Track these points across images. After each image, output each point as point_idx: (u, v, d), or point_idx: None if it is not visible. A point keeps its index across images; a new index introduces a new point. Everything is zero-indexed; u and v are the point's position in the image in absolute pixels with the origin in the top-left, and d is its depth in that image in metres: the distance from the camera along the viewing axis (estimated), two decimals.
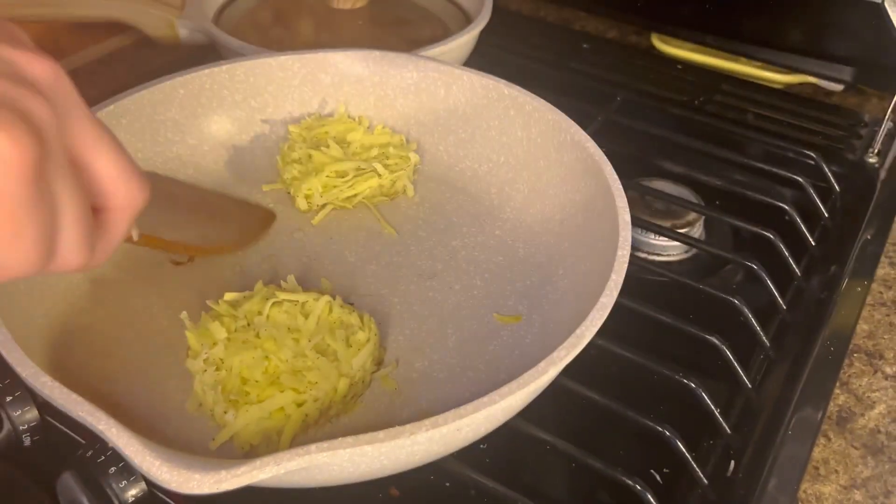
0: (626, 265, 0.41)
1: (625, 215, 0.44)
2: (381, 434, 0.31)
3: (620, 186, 0.46)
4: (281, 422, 0.38)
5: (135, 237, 0.37)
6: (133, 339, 0.44)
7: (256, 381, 0.39)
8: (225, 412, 0.38)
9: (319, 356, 0.40)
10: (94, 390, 0.40)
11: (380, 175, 0.54)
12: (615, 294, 0.39)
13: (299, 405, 0.39)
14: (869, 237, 0.60)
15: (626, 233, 0.43)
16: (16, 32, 0.27)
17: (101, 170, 0.26)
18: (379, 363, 0.44)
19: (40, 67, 0.25)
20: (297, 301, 0.43)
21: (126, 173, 0.27)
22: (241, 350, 0.40)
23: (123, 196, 0.27)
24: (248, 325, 0.42)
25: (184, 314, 0.43)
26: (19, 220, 0.23)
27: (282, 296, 0.43)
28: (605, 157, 0.48)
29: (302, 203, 0.54)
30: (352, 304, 0.45)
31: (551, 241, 0.51)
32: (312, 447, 0.30)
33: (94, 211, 0.28)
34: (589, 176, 0.49)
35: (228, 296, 0.44)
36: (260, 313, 0.42)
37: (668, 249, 0.60)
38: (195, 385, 0.40)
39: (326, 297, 0.43)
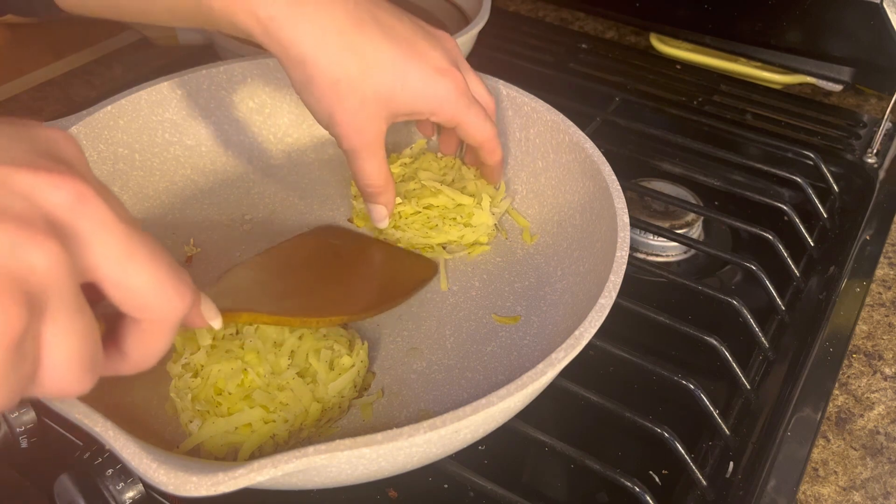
0: (624, 266, 0.41)
1: (623, 216, 0.44)
2: (379, 436, 0.31)
3: (619, 187, 0.46)
4: (246, 437, 0.38)
5: (216, 326, 0.35)
6: None
7: (230, 394, 0.38)
8: (190, 421, 0.38)
9: (296, 377, 0.39)
10: (91, 393, 0.40)
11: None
12: (614, 295, 0.39)
13: (267, 423, 0.38)
14: (868, 237, 0.60)
15: (624, 234, 0.43)
16: (48, 143, 0.26)
17: (133, 286, 0.25)
18: (364, 389, 0.43)
19: (62, 192, 0.24)
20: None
21: (161, 286, 0.26)
22: (221, 359, 0.39)
23: (158, 310, 0.26)
24: (237, 333, 0.41)
25: None
26: None
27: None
28: (604, 158, 0.48)
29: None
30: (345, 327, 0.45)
31: (549, 241, 0.51)
32: (310, 449, 0.30)
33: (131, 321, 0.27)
34: (587, 177, 0.49)
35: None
36: (250, 323, 0.41)
37: (666, 250, 0.60)
38: (170, 388, 0.40)
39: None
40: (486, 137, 0.48)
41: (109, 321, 0.27)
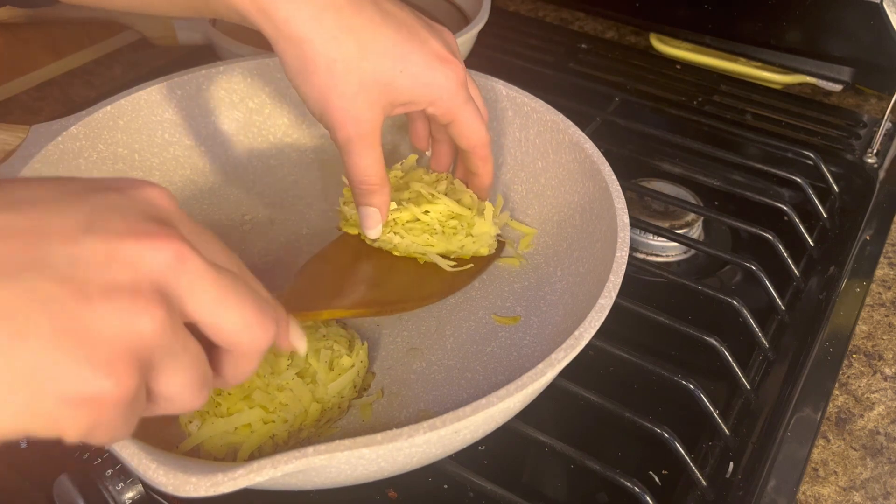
0: (624, 266, 0.41)
1: (623, 217, 0.44)
2: (378, 436, 0.31)
3: (619, 187, 0.46)
4: (245, 438, 0.38)
5: (300, 350, 0.34)
6: None
7: (229, 394, 0.38)
8: (190, 421, 0.38)
9: (296, 377, 0.39)
10: None
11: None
12: (613, 295, 0.39)
13: (266, 423, 0.38)
14: (868, 237, 0.60)
15: (624, 234, 0.43)
16: (144, 203, 0.27)
17: (224, 327, 0.27)
18: (364, 389, 0.43)
19: (164, 254, 0.25)
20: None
21: (248, 324, 0.28)
22: None
23: (246, 344, 0.28)
24: None
25: None
26: (114, 426, 0.25)
27: None
28: (604, 158, 0.48)
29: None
30: (345, 327, 0.45)
31: (549, 242, 0.51)
32: (310, 450, 0.30)
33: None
34: (587, 177, 0.49)
35: None
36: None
37: (666, 250, 0.60)
38: None
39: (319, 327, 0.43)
40: (480, 140, 0.47)
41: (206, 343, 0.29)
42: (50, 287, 0.23)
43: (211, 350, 0.29)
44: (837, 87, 0.80)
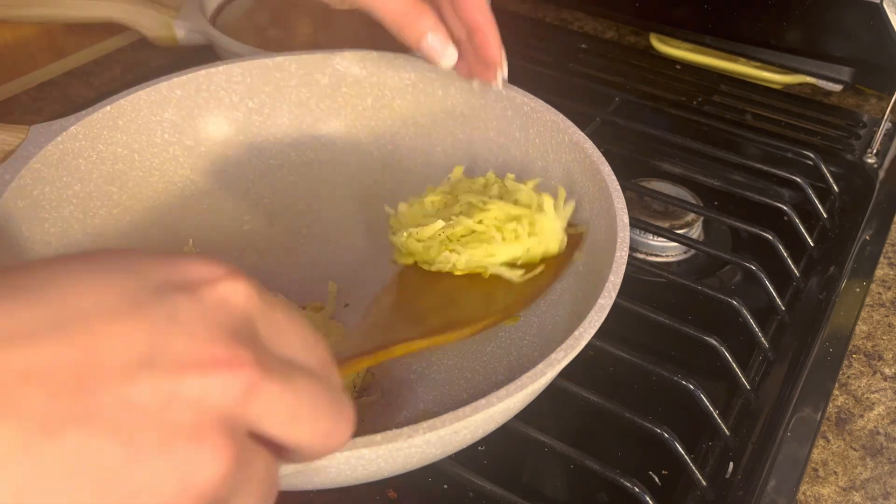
0: (624, 266, 0.40)
1: (623, 216, 0.44)
2: (377, 437, 0.31)
3: (619, 187, 0.46)
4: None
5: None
6: None
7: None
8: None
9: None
10: None
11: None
12: (613, 295, 0.39)
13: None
14: (868, 237, 0.60)
15: (624, 234, 0.42)
16: (216, 307, 0.23)
17: (298, 443, 0.24)
18: (363, 390, 0.43)
19: (231, 388, 0.22)
20: None
21: (323, 436, 0.25)
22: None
23: (319, 450, 0.25)
24: None
25: None
26: None
27: None
28: (604, 158, 0.48)
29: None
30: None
31: None
32: None
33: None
34: (587, 177, 0.49)
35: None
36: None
37: (666, 250, 0.60)
38: None
39: (317, 316, 0.43)
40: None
41: None
42: (97, 444, 0.19)
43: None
44: (837, 87, 0.80)
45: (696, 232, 0.61)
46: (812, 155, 0.67)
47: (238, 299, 0.23)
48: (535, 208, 0.46)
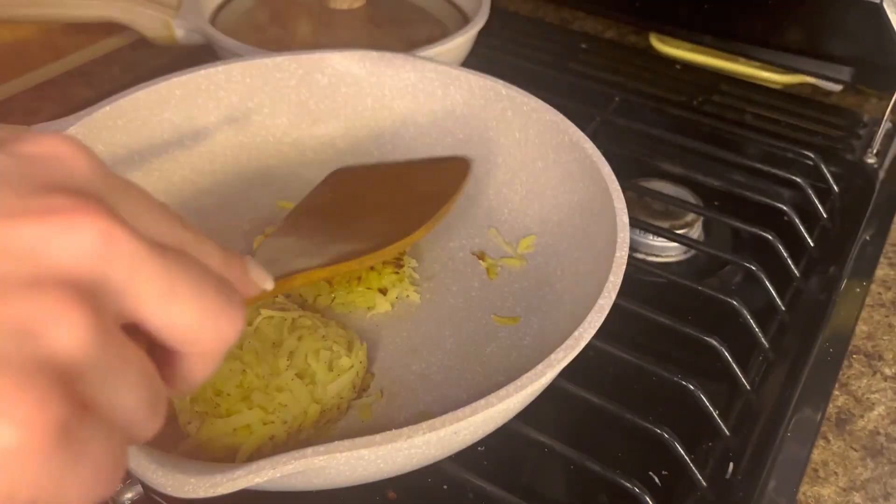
0: (624, 267, 0.40)
1: (623, 217, 0.44)
2: (377, 437, 0.31)
3: (619, 187, 0.46)
4: (245, 439, 0.37)
5: (268, 287, 0.29)
6: None
7: (228, 395, 0.38)
8: (189, 422, 0.38)
9: (296, 378, 0.39)
10: None
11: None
12: (613, 296, 0.39)
13: (266, 424, 0.38)
14: (868, 238, 0.60)
15: (624, 234, 0.42)
16: (44, 161, 0.20)
17: (179, 324, 0.21)
18: (363, 390, 0.43)
19: (82, 237, 0.18)
20: (287, 317, 0.42)
21: (210, 316, 0.22)
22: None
23: (208, 341, 0.22)
24: None
25: None
26: (48, 482, 0.18)
27: (269, 312, 0.42)
28: (604, 158, 0.48)
29: None
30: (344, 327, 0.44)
31: (549, 242, 0.51)
32: (309, 451, 0.30)
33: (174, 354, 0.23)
34: (587, 177, 0.49)
35: None
36: (249, 324, 0.40)
37: (666, 250, 0.60)
38: None
39: (316, 316, 0.43)
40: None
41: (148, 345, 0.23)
42: None
43: (154, 352, 0.22)
44: (837, 87, 0.80)
45: (696, 232, 0.61)
46: (812, 155, 0.67)
47: (74, 158, 0.20)
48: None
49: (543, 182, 0.53)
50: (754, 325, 0.50)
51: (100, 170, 0.21)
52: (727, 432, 0.45)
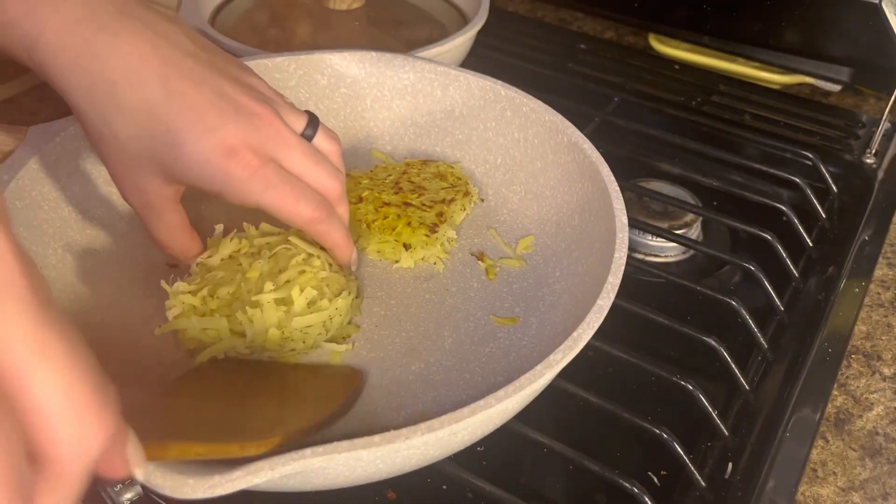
0: (622, 268, 0.40)
1: (622, 217, 0.44)
2: (376, 438, 0.31)
3: (617, 188, 0.46)
4: (214, 340, 0.42)
5: (139, 477, 0.29)
6: (127, 341, 0.44)
7: (219, 298, 0.43)
8: (171, 307, 0.43)
9: (273, 302, 0.42)
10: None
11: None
12: (612, 297, 0.39)
13: (233, 334, 0.42)
14: (867, 238, 0.60)
15: (622, 235, 0.43)
16: None
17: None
18: (343, 337, 0.45)
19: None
20: (303, 252, 0.45)
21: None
22: (229, 266, 0.44)
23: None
24: (257, 252, 0.45)
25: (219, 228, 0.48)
26: None
27: (296, 241, 0.45)
28: (603, 159, 0.48)
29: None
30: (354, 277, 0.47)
31: (548, 242, 0.51)
32: (307, 451, 0.30)
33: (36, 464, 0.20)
34: (586, 178, 0.49)
35: (265, 226, 0.48)
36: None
37: (665, 250, 0.60)
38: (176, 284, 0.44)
39: (324, 257, 0.45)
40: (301, 221, 0.41)
41: None
42: None
43: None
44: (836, 88, 0.80)
45: (694, 232, 0.61)
46: (811, 155, 0.67)
47: None
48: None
49: (542, 182, 0.53)
50: (753, 325, 0.50)
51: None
52: (726, 432, 0.45)
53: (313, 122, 0.43)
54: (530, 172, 0.54)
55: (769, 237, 0.57)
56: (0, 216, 0.21)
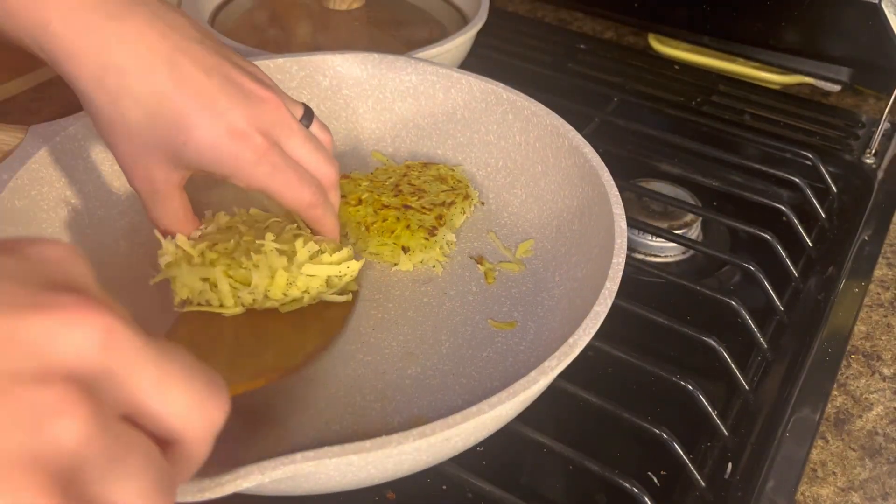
0: (620, 273, 0.41)
1: (621, 222, 0.44)
2: (367, 443, 0.30)
3: (617, 192, 0.46)
4: (209, 290, 0.42)
5: None
6: None
7: (218, 252, 0.43)
8: (163, 255, 0.43)
9: (276, 251, 0.43)
10: None
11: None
12: (609, 303, 0.39)
13: (233, 288, 0.42)
14: (866, 238, 0.60)
15: (622, 240, 0.42)
16: (44, 264, 0.21)
17: (171, 412, 0.22)
18: (342, 292, 0.46)
19: (85, 331, 0.20)
20: (294, 230, 0.46)
21: (199, 402, 0.23)
22: (225, 233, 0.45)
23: (201, 428, 0.23)
24: (251, 224, 0.46)
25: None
26: None
27: (291, 228, 0.46)
28: (603, 163, 0.48)
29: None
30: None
31: (548, 247, 0.51)
32: (298, 456, 0.29)
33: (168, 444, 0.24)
34: (586, 182, 0.49)
35: (255, 211, 0.49)
36: (262, 220, 0.46)
37: (665, 251, 0.60)
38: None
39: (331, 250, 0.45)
40: (301, 205, 0.42)
41: None
42: None
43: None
44: (836, 88, 0.80)
45: (694, 232, 0.61)
46: (810, 155, 0.67)
47: (73, 263, 0.22)
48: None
49: (543, 186, 0.53)
50: (753, 326, 0.50)
51: (94, 278, 0.23)
52: (726, 432, 0.45)
53: (308, 113, 0.44)
54: (531, 176, 0.54)
55: (769, 237, 0.57)
56: (88, 272, 0.23)
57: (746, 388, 0.48)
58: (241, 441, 0.40)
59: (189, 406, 0.23)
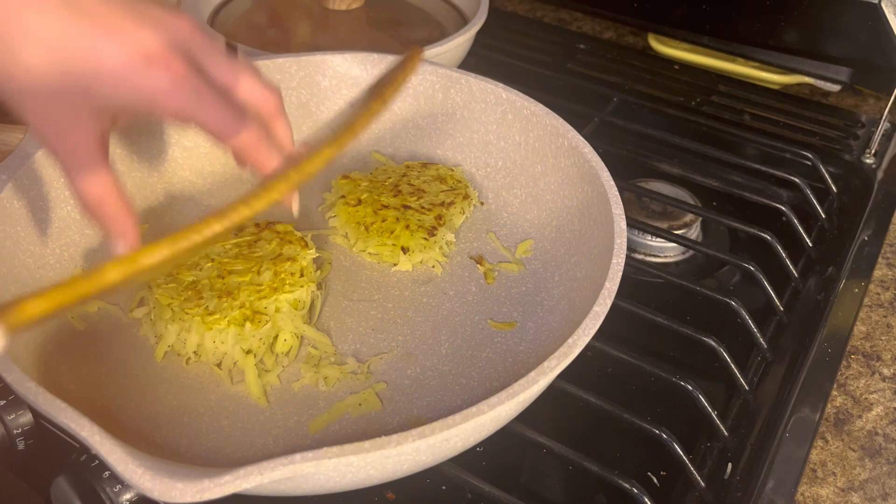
0: (620, 273, 0.40)
1: (621, 223, 0.44)
2: (366, 444, 0.30)
3: (617, 193, 0.46)
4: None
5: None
6: (124, 343, 0.44)
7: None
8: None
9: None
10: (80, 394, 0.40)
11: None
12: (608, 303, 0.39)
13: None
14: (866, 238, 0.60)
15: (621, 241, 0.42)
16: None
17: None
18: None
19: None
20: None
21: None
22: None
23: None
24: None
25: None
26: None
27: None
28: (603, 164, 0.48)
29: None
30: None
31: (547, 247, 0.51)
32: (297, 457, 0.29)
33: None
34: (586, 182, 0.49)
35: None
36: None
37: (664, 251, 0.60)
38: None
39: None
40: (235, 139, 0.37)
41: None
42: None
43: None
44: (836, 88, 0.80)
45: (694, 232, 0.61)
46: (810, 155, 0.67)
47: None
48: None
49: (543, 186, 0.53)
50: (752, 326, 0.50)
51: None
52: (725, 432, 0.45)
53: (233, 49, 0.44)
54: (531, 176, 0.54)
55: (769, 237, 0.57)
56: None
57: (746, 388, 0.48)
58: (239, 442, 0.40)
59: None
